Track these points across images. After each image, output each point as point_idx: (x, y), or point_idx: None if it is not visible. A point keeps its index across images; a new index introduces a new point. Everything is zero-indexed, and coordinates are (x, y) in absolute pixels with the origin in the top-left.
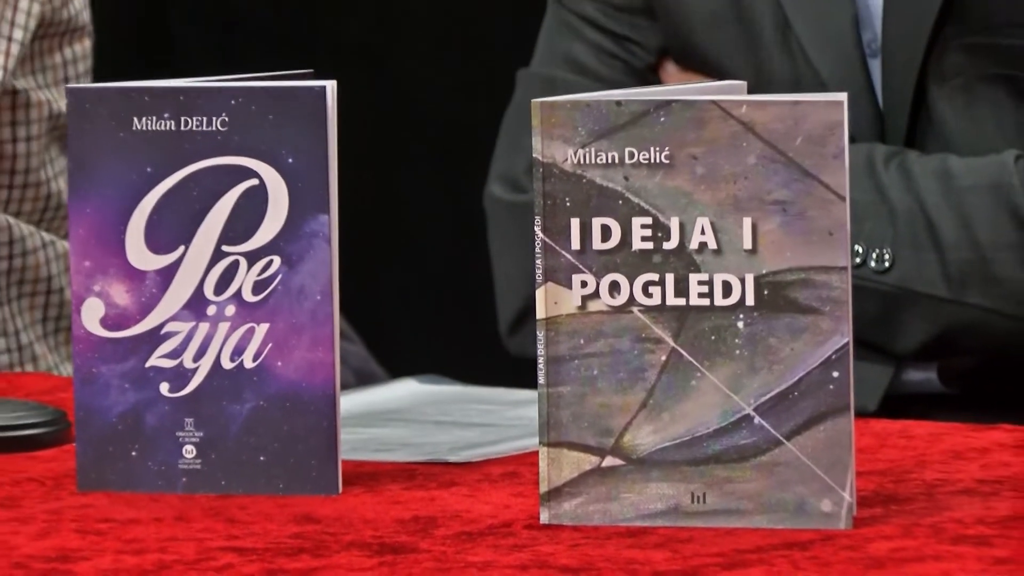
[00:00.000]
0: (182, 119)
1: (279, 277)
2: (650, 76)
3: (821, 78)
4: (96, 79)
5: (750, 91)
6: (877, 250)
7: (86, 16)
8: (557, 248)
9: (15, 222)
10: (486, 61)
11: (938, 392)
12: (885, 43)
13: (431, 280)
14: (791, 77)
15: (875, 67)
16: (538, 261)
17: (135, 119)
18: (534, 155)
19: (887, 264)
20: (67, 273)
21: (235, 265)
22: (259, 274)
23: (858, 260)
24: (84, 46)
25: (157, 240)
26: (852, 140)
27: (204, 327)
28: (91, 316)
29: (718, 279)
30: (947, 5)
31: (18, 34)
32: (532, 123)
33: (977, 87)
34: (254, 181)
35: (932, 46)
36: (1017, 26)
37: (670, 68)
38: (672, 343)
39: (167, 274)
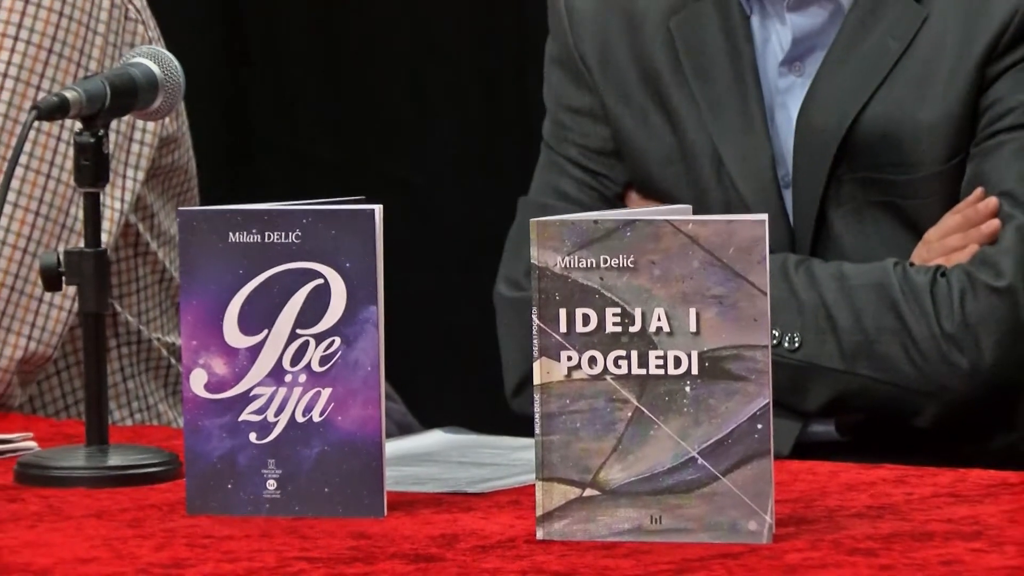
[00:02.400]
0: (266, 233)
1: (339, 353)
2: (618, 202)
3: (746, 204)
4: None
5: (694, 213)
6: (789, 334)
7: (185, 160)
8: (549, 331)
9: (133, 319)
10: (494, 190)
11: (836, 440)
12: (795, 177)
13: (455, 355)
14: (723, 202)
15: (788, 196)
16: (535, 341)
17: (230, 233)
18: (531, 261)
19: (797, 344)
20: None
21: (306, 344)
22: (324, 351)
23: (775, 341)
24: (178, 180)
25: (247, 325)
26: (770, 251)
27: (283, 391)
28: (197, 382)
29: (671, 354)
30: (842, 148)
31: (140, 175)
32: (530, 236)
33: (866, 211)
34: (320, 280)
35: (830, 180)
36: (896, 165)
37: (633, 196)
38: (636, 403)
39: (255, 351)
